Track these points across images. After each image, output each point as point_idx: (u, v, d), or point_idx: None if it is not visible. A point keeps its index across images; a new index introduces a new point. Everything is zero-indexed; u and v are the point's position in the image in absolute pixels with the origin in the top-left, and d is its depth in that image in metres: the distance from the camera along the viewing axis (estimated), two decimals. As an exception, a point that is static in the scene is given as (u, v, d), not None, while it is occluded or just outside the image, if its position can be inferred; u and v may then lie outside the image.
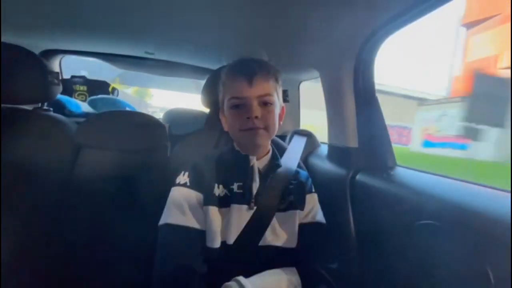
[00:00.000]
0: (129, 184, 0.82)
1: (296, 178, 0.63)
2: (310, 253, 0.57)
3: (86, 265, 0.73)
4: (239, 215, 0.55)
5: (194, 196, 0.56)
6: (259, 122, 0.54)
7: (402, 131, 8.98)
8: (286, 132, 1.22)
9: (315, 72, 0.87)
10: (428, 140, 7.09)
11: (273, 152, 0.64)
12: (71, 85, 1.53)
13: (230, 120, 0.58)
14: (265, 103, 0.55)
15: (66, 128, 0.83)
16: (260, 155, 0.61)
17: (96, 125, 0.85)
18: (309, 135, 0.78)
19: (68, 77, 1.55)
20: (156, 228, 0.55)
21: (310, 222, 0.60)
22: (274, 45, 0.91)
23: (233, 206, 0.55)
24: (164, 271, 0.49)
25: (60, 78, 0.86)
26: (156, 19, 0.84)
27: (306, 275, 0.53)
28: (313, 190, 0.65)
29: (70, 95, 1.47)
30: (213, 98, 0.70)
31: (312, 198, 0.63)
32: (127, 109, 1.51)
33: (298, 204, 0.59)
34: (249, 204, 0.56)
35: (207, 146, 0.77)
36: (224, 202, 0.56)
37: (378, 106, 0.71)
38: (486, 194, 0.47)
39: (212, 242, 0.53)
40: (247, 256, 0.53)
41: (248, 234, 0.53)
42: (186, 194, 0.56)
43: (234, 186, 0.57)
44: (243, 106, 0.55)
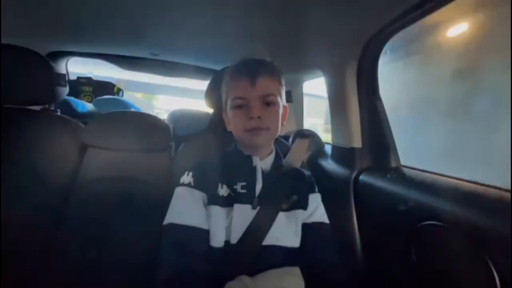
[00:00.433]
0: (133, 184, 0.83)
1: (299, 178, 0.63)
2: (313, 253, 0.57)
3: (93, 263, 0.74)
4: (243, 215, 0.55)
5: (198, 196, 0.56)
6: (262, 123, 0.54)
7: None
8: (289, 132, 1.22)
9: (318, 72, 0.87)
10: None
11: (276, 152, 0.64)
12: (77, 86, 1.55)
13: (233, 120, 0.58)
14: (268, 104, 0.56)
15: (73, 128, 0.85)
16: (263, 155, 0.61)
17: (101, 125, 0.87)
18: (312, 135, 0.78)
19: (74, 78, 1.58)
20: (160, 227, 0.55)
21: (314, 222, 0.60)
22: (277, 45, 0.91)
23: (236, 206, 0.55)
24: (168, 270, 0.50)
25: (66, 79, 0.87)
26: (160, 21, 0.84)
27: (310, 275, 0.53)
28: (316, 190, 0.64)
29: (76, 96, 1.50)
30: (216, 99, 0.70)
31: (315, 198, 0.63)
32: (132, 109, 1.52)
33: (301, 204, 0.59)
34: (252, 204, 0.56)
35: (211, 146, 0.77)
36: (227, 202, 0.56)
37: (382, 106, 0.71)
38: (489, 194, 0.47)
39: (215, 241, 0.53)
40: (251, 255, 0.53)
41: (251, 234, 0.53)
42: (190, 194, 0.56)
43: (238, 186, 0.57)
44: (246, 106, 0.55)
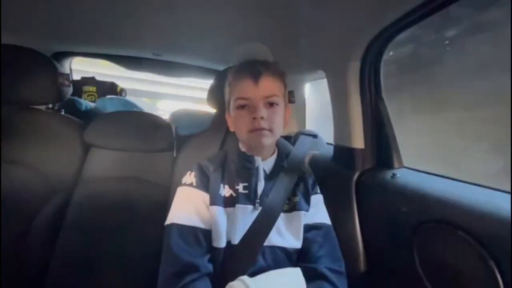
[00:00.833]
0: (136, 183, 0.84)
1: (301, 179, 0.63)
2: (315, 254, 0.56)
3: (95, 262, 0.74)
4: (245, 216, 0.55)
5: (200, 196, 0.56)
6: (265, 123, 0.54)
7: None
8: (291, 132, 1.21)
9: (321, 72, 0.86)
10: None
11: (278, 153, 0.64)
12: (81, 86, 1.56)
13: (236, 120, 0.58)
14: (270, 104, 0.56)
15: (76, 128, 0.85)
16: (265, 156, 0.61)
17: (104, 125, 0.87)
18: (314, 136, 0.77)
19: (78, 78, 1.59)
20: (162, 227, 0.55)
21: (315, 223, 0.59)
22: (280, 46, 0.91)
23: (238, 206, 0.55)
24: (170, 271, 0.50)
25: (70, 79, 0.88)
26: (163, 22, 0.85)
27: (311, 276, 0.53)
28: (318, 191, 0.64)
29: (80, 96, 1.51)
30: (219, 99, 0.71)
31: (317, 199, 0.62)
32: (135, 109, 1.53)
33: (303, 205, 0.59)
34: (254, 204, 0.56)
35: (213, 146, 0.78)
36: (229, 202, 0.56)
37: (384, 107, 0.71)
38: (490, 195, 0.47)
39: (217, 242, 0.53)
40: (252, 256, 0.53)
41: (253, 234, 0.53)
42: (192, 194, 0.56)
43: (240, 187, 0.57)
44: (249, 107, 0.55)
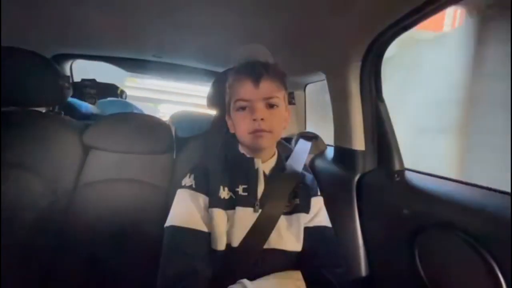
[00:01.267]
0: (135, 185, 0.83)
1: (301, 181, 0.62)
2: (315, 257, 0.56)
3: (95, 263, 0.74)
4: (244, 218, 0.54)
5: (200, 198, 0.56)
6: (265, 125, 0.54)
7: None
8: (291, 134, 1.21)
9: (321, 74, 0.87)
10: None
11: (278, 155, 0.64)
12: (81, 88, 1.56)
13: (236, 122, 0.58)
14: (271, 106, 0.55)
15: (76, 130, 0.85)
16: (265, 158, 0.61)
17: (104, 127, 0.87)
18: (315, 138, 0.77)
19: (78, 80, 1.59)
20: (162, 229, 0.55)
21: (316, 226, 0.59)
22: (280, 47, 0.91)
23: (238, 208, 0.55)
24: (169, 273, 0.49)
25: (70, 81, 0.88)
26: (163, 23, 0.85)
27: (311, 279, 0.52)
28: (318, 193, 0.64)
29: (80, 98, 1.51)
30: (219, 101, 0.70)
31: (317, 202, 0.62)
32: (135, 111, 1.53)
33: (304, 207, 0.59)
34: (254, 207, 0.55)
35: (213, 148, 0.77)
36: (229, 204, 0.56)
37: (385, 108, 0.70)
38: (492, 197, 0.47)
39: (217, 244, 0.53)
40: (252, 259, 0.52)
41: (253, 237, 0.53)
42: (192, 196, 0.56)
43: (239, 189, 0.57)
44: (249, 108, 0.55)
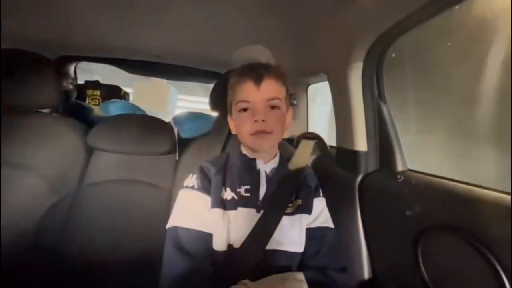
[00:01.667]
0: (138, 186, 0.84)
1: (303, 182, 0.62)
2: (317, 258, 0.56)
3: (98, 264, 0.74)
4: (246, 219, 0.55)
5: (202, 199, 0.56)
6: (267, 126, 0.54)
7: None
8: (293, 135, 1.21)
9: (323, 75, 0.86)
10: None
11: (280, 155, 0.64)
12: (85, 89, 1.58)
13: (238, 123, 0.58)
14: (272, 107, 0.56)
15: (80, 131, 0.86)
16: (267, 159, 0.61)
17: (107, 128, 0.88)
18: (317, 139, 0.77)
19: (82, 82, 1.60)
20: (164, 230, 0.55)
21: (318, 227, 0.59)
22: (282, 48, 0.91)
23: (240, 209, 0.55)
24: (171, 274, 0.50)
25: (74, 83, 0.89)
26: (165, 25, 0.86)
27: (314, 280, 0.52)
28: (321, 194, 0.64)
29: (84, 100, 1.52)
30: (221, 102, 0.71)
31: (320, 202, 0.62)
32: (138, 113, 1.54)
33: (306, 208, 0.59)
34: (256, 207, 0.56)
35: (215, 149, 0.78)
36: (231, 205, 0.56)
37: (387, 109, 0.70)
38: (496, 198, 0.46)
39: (219, 245, 0.53)
40: (254, 259, 0.52)
41: (255, 238, 0.53)
42: (194, 197, 0.56)
43: (241, 190, 0.57)
44: (251, 110, 0.55)
